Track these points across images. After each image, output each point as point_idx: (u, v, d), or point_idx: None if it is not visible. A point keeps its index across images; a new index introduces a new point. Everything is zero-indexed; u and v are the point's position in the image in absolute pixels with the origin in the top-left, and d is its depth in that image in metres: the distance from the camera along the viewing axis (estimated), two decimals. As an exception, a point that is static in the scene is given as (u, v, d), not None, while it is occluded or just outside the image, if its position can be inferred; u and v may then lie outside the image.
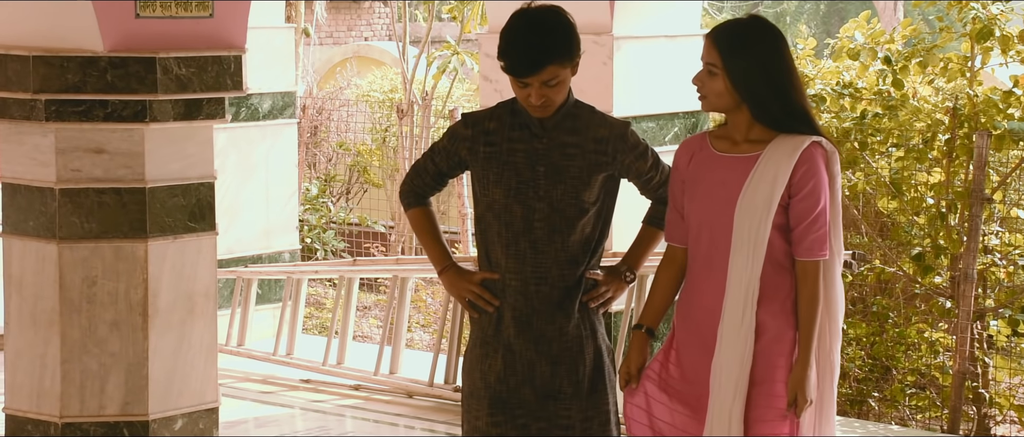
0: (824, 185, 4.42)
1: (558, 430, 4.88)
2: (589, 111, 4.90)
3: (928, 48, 9.16)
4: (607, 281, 4.92)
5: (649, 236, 5.05)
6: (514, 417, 4.90)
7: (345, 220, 14.06)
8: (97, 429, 6.66)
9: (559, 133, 4.82)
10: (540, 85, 4.71)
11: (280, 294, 9.99)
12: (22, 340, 6.75)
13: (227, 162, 9.93)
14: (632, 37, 8.08)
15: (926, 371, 9.38)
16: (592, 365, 4.89)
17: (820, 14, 33.37)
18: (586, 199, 4.82)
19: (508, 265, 4.85)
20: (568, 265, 4.84)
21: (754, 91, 4.46)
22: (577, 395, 4.87)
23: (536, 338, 4.86)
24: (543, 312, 4.85)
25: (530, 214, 4.82)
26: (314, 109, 15.14)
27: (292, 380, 9.07)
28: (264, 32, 10.12)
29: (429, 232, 5.06)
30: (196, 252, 6.78)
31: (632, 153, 4.85)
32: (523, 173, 4.81)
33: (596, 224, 4.87)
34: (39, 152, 6.59)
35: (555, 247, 4.82)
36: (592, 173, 4.81)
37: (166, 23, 6.56)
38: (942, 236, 8.99)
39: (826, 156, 4.45)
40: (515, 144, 4.83)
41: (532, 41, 4.68)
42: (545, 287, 4.83)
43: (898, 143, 9.24)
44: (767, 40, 4.48)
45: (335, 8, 22.71)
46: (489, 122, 4.88)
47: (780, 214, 4.45)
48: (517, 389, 4.89)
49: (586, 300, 4.88)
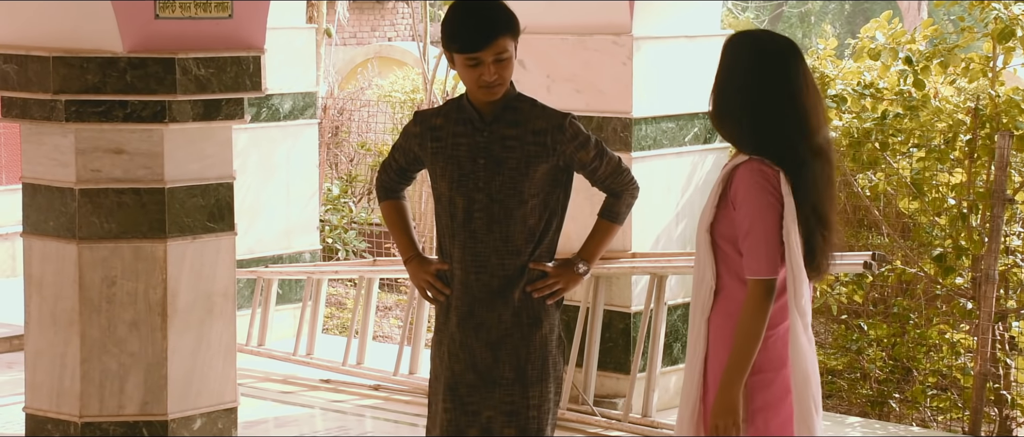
0: (757, 204, 4.31)
1: (503, 417, 4.98)
2: (530, 104, 5.02)
3: (949, 48, 9.12)
4: (556, 273, 5.02)
5: (602, 229, 5.14)
6: (464, 404, 5.01)
7: (366, 220, 14.07)
8: (116, 429, 6.68)
9: (500, 126, 4.96)
10: (493, 62, 4.86)
11: (300, 294, 10.00)
12: (42, 340, 6.78)
13: (248, 162, 9.95)
14: (652, 37, 8.08)
15: (947, 372, 9.34)
16: (537, 353, 4.99)
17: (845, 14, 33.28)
18: (525, 190, 4.94)
19: (454, 254, 5.01)
20: (508, 255, 4.96)
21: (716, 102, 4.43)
22: (520, 381, 4.97)
23: (476, 326, 4.99)
24: (483, 300, 4.98)
25: (470, 205, 4.96)
26: (335, 109, 15.15)
27: (312, 380, 9.08)
28: (285, 32, 10.14)
29: (397, 224, 5.25)
30: (215, 252, 6.79)
31: (572, 143, 4.96)
32: (464, 166, 4.97)
33: (541, 215, 4.98)
34: (59, 152, 6.61)
35: (494, 237, 4.95)
36: (530, 164, 4.93)
37: (185, 24, 6.57)
38: (963, 237, 8.96)
39: (771, 176, 4.32)
40: (459, 138, 4.99)
41: (480, 16, 4.87)
42: (485, 276, 4.96)
43: (919, 143, 9.20)
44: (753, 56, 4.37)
45: (359, 8, 22.72)
46: (436, 118, 5.06)
47: (730, 225, 4.39)
48: (462, 374, 5.01)
49: (530, 290, 4.98)
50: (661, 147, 8.12)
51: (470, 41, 4.85)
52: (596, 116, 8.05)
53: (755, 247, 4.33)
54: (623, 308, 8.14)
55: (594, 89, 8.11)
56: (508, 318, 4.98)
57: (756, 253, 4.33)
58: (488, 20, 4.86)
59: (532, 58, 8.22)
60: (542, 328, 5.01)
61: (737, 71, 4.39)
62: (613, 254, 7.99)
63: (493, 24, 4.85)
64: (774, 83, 4.35)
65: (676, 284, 8.14)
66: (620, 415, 7.89)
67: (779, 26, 33.21)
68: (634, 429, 7.79)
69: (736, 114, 4.39)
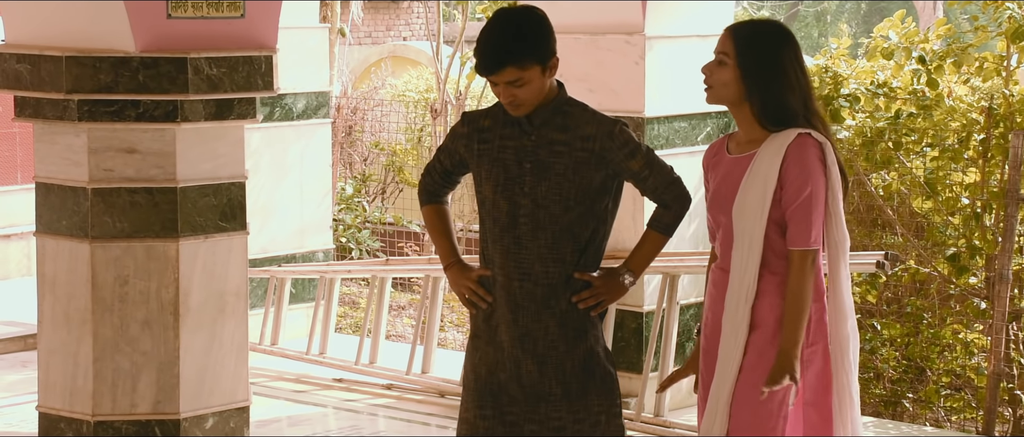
0: (811, 175, 4.47)
1: (549, 432, 4.90)
2: (580, 109, 4.91)
3: (963, 47, 9.10)
4: (601, 283, 4.90)
5: (650, 240, 5.03)
6: (502, 413, 4.94)
7: (380, 219, 14.08)
8: (129, 427, 6.69)
9: (548, 130, 4.86)
10: (505, 85, 4.78)
11: (313, 293, 10.01)
12: (55, 339, 6.79)
13: (261, 162, 9.97)
14: (664, 37, 8.07)
15: (961, 372, 9.32)
16: (580, 367, 4.89)
17: (861, 13, 33.23)
18: (572, 197, 4.83)
19: (496, 260, 4.91)
20: (553, 263, 4.85)
21: (759, 83, 4.53)
22: (566, 396, 4.89)
23: (521, 335, 4.89)
24: (528, 308, 4.88)
25: (515, 210, 4.87)
26: (348, 109, 15.16)
27: (325, 379, 9.10)
28: (298, 32, 10.15)
29: (439, 229, 5.14)
30: (227, 251, 6.80)
31: (621, 151, 4.84)
32: (511, 169, 4.87)
33: (588, 223, 4.87)
34: (72, 152, 6.63)
35: (539, 244, 4.85)
36: (578, 171, 4.83)
37: (197, 23, 6.58)
38: (977, 236, 8.94)
39: (818, 147, 4.49)
40: (506, 141, 4.90)
41: (496, 42, 4.78)
42: (528, 283, 4.87)
43: (933, 143, 9.18)
44: (782, 41, 4.59)
45: (374, 8, 22.73)
46: (484, 120, 4.97)
47: (779, 206, 4.50)
48: (506, 384, 4.93)
49: (575, 301, 4.88)
50: (674, 146, 8.12)
51: (481, 64, 4.80)
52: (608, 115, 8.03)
53: (805, 218, 4.46)
54: (635, 307, 8.14)
55: (607, 88, 8.10)
56: (554, 329, 4.88)
57: (806, 224, 4.46)
58: (502, 49, 4.76)
59: (545, 57, 8.21)
60: (587, 341, 4.91)
61: (787, 55, 4.55)
62: (625, 253, 7.97)
63: (504, 53, 4.76)
64: (800, 62, 4.58)
65: (688, 284, 8.13)
66: (632, 415, 7.89)
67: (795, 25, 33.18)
68: (646, 429, 7.79)
69: (788, 94, 4.52)
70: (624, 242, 7.54)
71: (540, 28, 4.82)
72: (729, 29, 4.62)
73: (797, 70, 4.56)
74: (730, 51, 4.57)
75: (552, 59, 4.83)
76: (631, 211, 7.84)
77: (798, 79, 4.55)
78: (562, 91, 4.92)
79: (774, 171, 4.47)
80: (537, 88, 4.81)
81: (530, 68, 4.77)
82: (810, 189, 4.46)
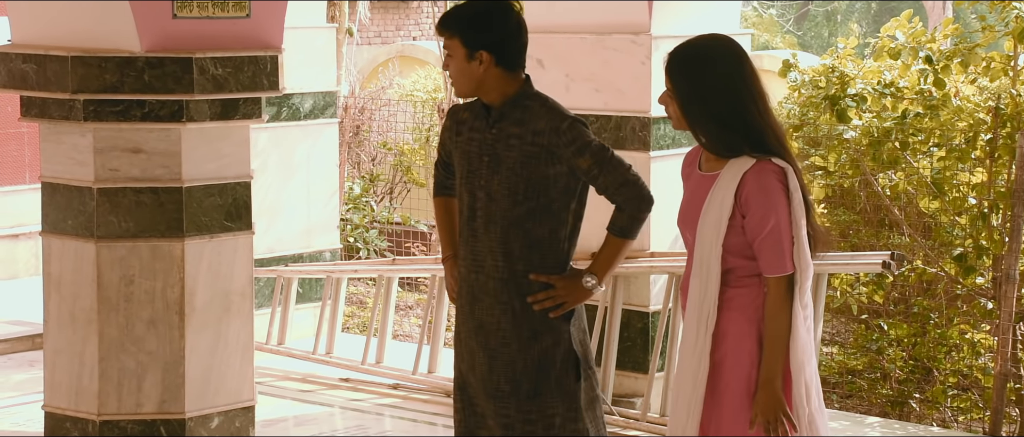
0: (774, 203, 4.33)
1: (500, 429, 4.94)
2: (540, 103, 4.93)
3: (970, 47, 9.08)
4: (561, 285, 4.89)
5: (608, 243, 5.00)
6: (473, 405, 5.00)
7: (388, 219, 14.08)
8: (134, 427, 6.70)
9: (506, 124, 4.91)
10: (446, 54, 4.93)
11: (320, 293, 10.02)
12: (61, 338, 6.80)
13: (268, 161, 9.97)
14: (670, 37, 8.06)
15: (968, 373, 9.31)
16: (534, 367, 4.88)
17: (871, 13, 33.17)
18: (520, 191, 4.85)
19: (461, 252, 5.00)
20: (503, 256, 4.88)
21: (692, 117, 4.40)
22: (515, 395, 4.89)
23: (476, 327, 4.95)
24: (482, 301, 4.93)
25: (474, 202, 4.93)
26: (356, 109, 15.17)
27: (331, 379, 9.10)
28: (305, 32, 10.15)
29: (443, 221, 5.22)
30: (232, 251, 6.81)
31: (569, 148, 4.83)
32: (473, 162, 4.94)
33: (542, 221, 4.87)
34: (77, 152, 6.64)
35: (491, 237, 4.89)
36: (527, 164, 4.84)
37: (203, 23, 6.59)
38: (984, 236, 8.93)
39: (779, 172, 4.36)
40: (473, 134, 4.97)
41: (456, 7, 4.95)
42: (482, 276, 4.91)
43: (940, 143, 9.17)
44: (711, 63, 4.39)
45: (384, 8, 22.74)
46: (463, 113, 5.06)
47: (739, 234, 4.39)
48: (467, 375, 5.02)
49: (531, 301, 4.88)
50: (680, 146, 8.11)
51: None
52: (615, 115, 8.05)
53: (775, 245, 4.35)
54: (642, 308, 8.14)
55: (613, 88, 8.10)
56: (507, 326, 4.90)
57: (777, 251, 4.35)
58: (451, 12, 4.94)
59: (551, 57, 8.22)
60: (541, 342, 4.89)
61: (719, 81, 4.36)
62: (631, 253, 7.98)
63: (444, 16, 4.94)
64: (754, 82, 4.39)
65: (694, 284, 8.11)
66: (638, 414, 7.89)
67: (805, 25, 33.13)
68: (652, 429, 7.79)
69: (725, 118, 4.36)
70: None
71: (487, 16, 4.89)
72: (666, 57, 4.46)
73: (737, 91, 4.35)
74: (668, 85, 4.44)
75: (479, 51, 4.87)
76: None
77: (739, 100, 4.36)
78: (527, 85, 4.95)
79: (729, 198, 4.36)
80: (461, 68, 4.90)
81: (453, 39, 4.89)
82: (775, 219, 4.34)
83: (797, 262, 4.38)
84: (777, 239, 4.34)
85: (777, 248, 4.35)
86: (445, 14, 4.95)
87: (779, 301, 4.36)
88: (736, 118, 4.36)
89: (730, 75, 4.37)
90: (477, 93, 4.95)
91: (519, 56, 4.95)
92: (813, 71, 9.87)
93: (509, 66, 4.91)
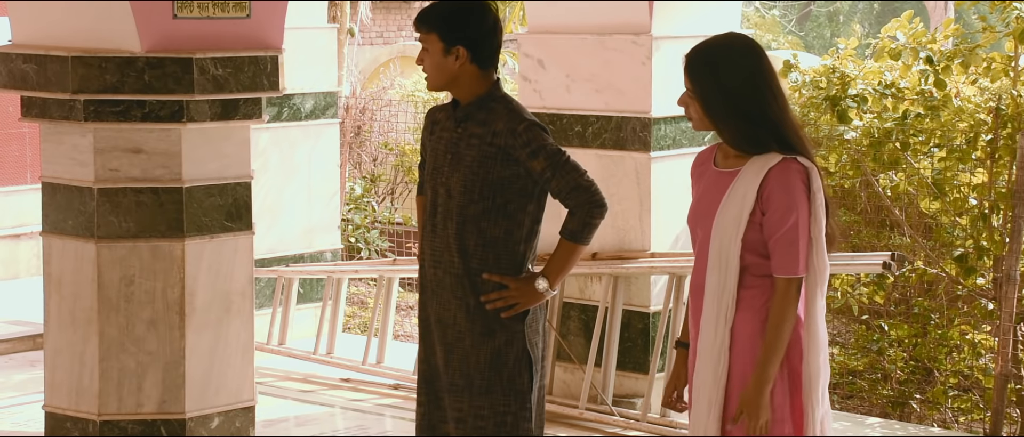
0: (795, 203, 4.33)
1: (453, 423, 5.04)
2: (503, 105, 5.02)
3: (970, 48, 9.08)
4: (514, 286, 4.98)
5: (561, 248, 5.05)
6: (438, 398, 5.11)
7: (390, 220, 14.09)
8: (134, 427, 6.70)
9: (470, 124, 5.01)
10: (422, 49, 5.04)
11: (321, 293, 10.03)
12: (61, 338, 6.81)
13: (269, 162, 9.98)
14: (671, 37, 8.07)
15: (968, 373, 9.31)
16: (486, 364, 4.98)
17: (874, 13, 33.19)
18: (476, 189, 4.95)
19: (424, 247, 5.12)
20: (457, 253, 4.99)
21: (718, 116, 4.39)
22: (468, 389, 5.00)
23: (436, 320, 5.07)
24: (440, 295, 5.05)
25: (436, 199, 5.06)
26: (357, 109, 15.18)
27: (332, 379, 9.10)
28: (306, 32, 10.16)
29: (421, 220, 5.30)
30: (233, 251, 6.82)
31: (524, 150, 4.93)
32: (438, 160, 5.07)
33: (498, 221, 4.97)
34: (78, 152, 6.65)
35: (447, 232, 5.01)
36: (483, 164, 4.94)
37: (203, 24, 6.60)
38: (985, 237, 8.93)
39: (803, 172, 4.35)
40: (442, 133, 5.08)
41: (438, 4, 5.04)
42: (440, 271, 5.04)
43: (940, 143, 9.17)
44: (734, 61, 4.39)
45: (386, 8, 22.76)
46: (439, 113, 5.18)
47: (757, 231, 4.38)
48: (428, 361, 5.14)
49: (483, 301, 4.98)
50: (680, 147, 8.12)
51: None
52: (615, 116, 8.05)
53: (790, 245, 4.34)
54: (642, 308, 8.14)
55: (613, 89, 8.10)
56: (463, 322, 5.01)
57: (791, 252, 4.34)
58: (430, 8, 5.02)
59: (551, 58, 8.22)
60: (495, 339, 4.99)
61: (742, 77, 4.36)
62: (632, 254, 7.99)
63: (423, 12, 5.03)
64: (773, 78, 4.40)
65: (695, 284, 8.11)
66: (639, 415, 7.89)
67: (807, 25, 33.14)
68: (652, 429, 7.79)
69: (754, 119, 4.36)
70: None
71: (466, 13, 5.00)
72: (685, 58, 4.46)
73: (758, 87, 4.35)
74: (689, 85, 4.44)
75: (456, 46, 4.97)
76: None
77: (762, 96, 4.36)
78: (495, 87, 5.04)
79: (752, 193, 4.35)
80: (437, 63, 5.00)
81: (430, 34, 5.00)
82: (795, 217, 4.33)
83: (817, 264, 4.38)
84: (793, 239, 4.34)
85: (791, 249, 4.34)
86: (423, 10, 5.06)
87: (785, 303, 4.36)
88: (760, 113, 4.36)
89: (750, 71, 4.37)
90: (449, 88, 5.07)
91: (493, 56, 5.06)
92: (814, 72, 9.87)
93: (483, 64, 5.03)
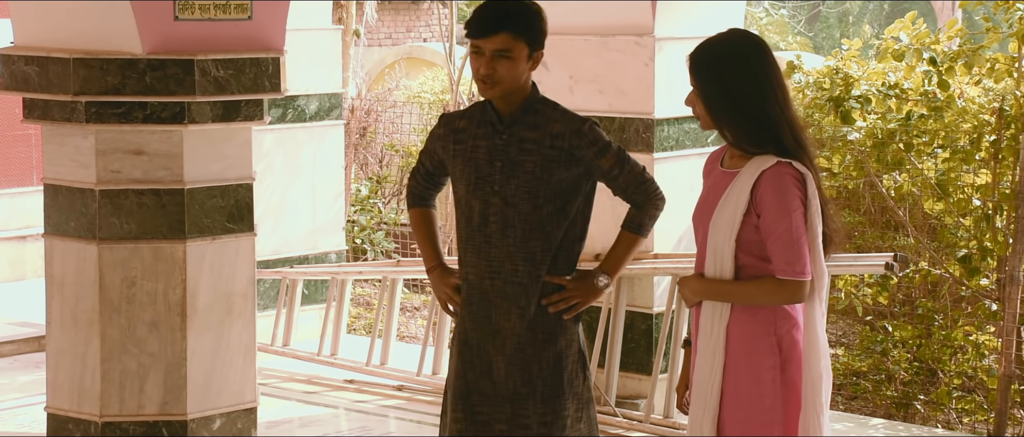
0: (788, 206, 4.30)
1: (519, 431, 4.93)
2: (551, 107, 4.94)
3: (974, 49, 9.07)
4: (574, 286, 4.92)
5: (623, 240, 5.04)
6: (474, 413, 4.97)
7: (395, 221, 14.10)
8: (136, 428, 6.71)
9: (519, 128, 4.90)
10: (491, 55, 4.79)
11: (326, 294, 10.03)
12: (63, 340, 6.82)
13: (274, 163, 9.99)
14: (674, 38, 8.07)
15: (972, 374, 9.30)
16: (549, 370, 4.91)
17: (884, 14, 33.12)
18: (541, 195, 4.86)
19: (467, 259, 4.95)
20: (522, 261, 4.88)
21: (720, 115, 4.38)
22: (532, 397, 4.90)
23: (492, 332, 4.93)
24: (499, 306, 4.91)
25: (486, 208, 4.90)
26: (362, 111, 15.19)
27: (336, 380, 9.11)
28: (311, 34, 10.17)
29: (423, 232, 5.20)
30: (234, 253, 6.82)
31: (591, 149, 4.88)
32: (482, 168, 4.91)
33: (559, 223, 4.89)
34: (79, 153, 6.66)
35: (508, 242, 4.88)
36: (547, 168, 4.85)
37: (204, 25, 6.60)
38: (988, 238, 8.92)
39: (798, 177, 4.33)
40: (479, 141, 4.94)
41: (496, 7, 4.82)
42: (499, 281, 4.90)
43: (944, 144, 9.17)
44: (737, 60, 4.37)
45: (394, 9, 22.77)
46: (460, 121, 5.01)
47: (752, 232, 4.37)
48: (476, 382, 4.96)
49: (545, 303, 4.90)
50: (684, 148, 8.12)
51: (475, 26, 4.81)
52: (618, 117, 8.05)
53: (786, 248, 4.32)
54: (645, 309, 8.14)
55: (617, 90, 8.10)
56: (523, 330, 4.90)
57: (789, 254, 4.31)
58: (500, 12, 4.80)
59: (555, 59, 8.22)
60: (557, 344, 4.92)
61: (744, 76, 4.35)
62: (635, 255, 7.97)
63: (503, 16, 4.79)
64: (775, 76, 4.39)
65: (698, 285, 8.10)
66: (642, 416, 7.89)
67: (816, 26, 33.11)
68: (655, 430, 7.79)
69: (750, 113, 4.35)
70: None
71: (539, 14, 4.89)
72: (689, 57, 4.44)
73: (759, 85, 4.34)
74: (694, 84, 4.42)
75: (539, 50, 4.88)
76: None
77: (762, 94, 4.35)
78: (535, 91, 4.95)
79: (745, 194, 4.34)
80: (518, 71, 4.84)
81: (520, 42, 4.81)
82: (787, 222, 4.30)
83: (813, 270, 4.35)
84: (789, 242, 4.31)
85: (789, 251, 4.32)
86: (501, 15, 4.81)
87: (770, 293, 4.34)
88: (761, 113, 4.35)
89: (753, 69, 4.36)
90: (508, 95, 4.91)
91: None
92: (817, 72, 9.87)
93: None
